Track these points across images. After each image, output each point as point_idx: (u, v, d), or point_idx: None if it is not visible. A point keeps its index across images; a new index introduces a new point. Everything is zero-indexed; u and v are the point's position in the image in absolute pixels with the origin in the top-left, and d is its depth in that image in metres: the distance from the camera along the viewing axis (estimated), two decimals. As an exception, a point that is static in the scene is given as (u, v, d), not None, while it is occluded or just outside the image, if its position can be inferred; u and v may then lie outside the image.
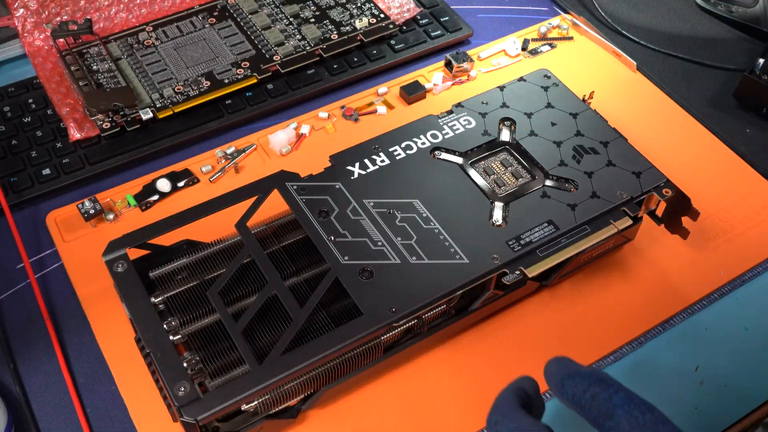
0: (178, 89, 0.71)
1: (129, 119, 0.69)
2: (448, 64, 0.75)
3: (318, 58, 0.75)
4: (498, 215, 0.56)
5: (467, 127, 0.61)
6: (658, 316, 0.60)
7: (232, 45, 0.75)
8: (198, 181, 0.67)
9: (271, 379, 0.47)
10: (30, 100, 0.72)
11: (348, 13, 0.79)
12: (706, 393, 0.56)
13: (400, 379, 0.55)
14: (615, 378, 0.54)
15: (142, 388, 0.54)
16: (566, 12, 0.84)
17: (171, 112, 0.70)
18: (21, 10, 0.73)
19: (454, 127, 0.61)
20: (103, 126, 0.68)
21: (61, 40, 0.73)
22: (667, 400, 0.55)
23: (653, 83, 0.77)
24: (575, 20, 0.82)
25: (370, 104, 0.73)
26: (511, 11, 0.85)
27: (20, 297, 0.60)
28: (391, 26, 0.78)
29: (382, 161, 0.58)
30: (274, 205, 0.56)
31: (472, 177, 0.58)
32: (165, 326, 0.50)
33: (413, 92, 0.73)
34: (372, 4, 0.80)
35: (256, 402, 0.48)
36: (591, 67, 0.78)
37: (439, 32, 0.79)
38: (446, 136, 0.60)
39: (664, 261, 0.63)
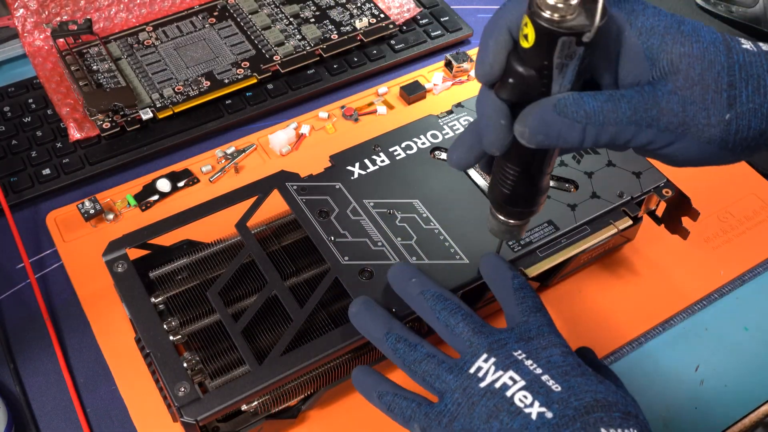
0: (178, 89, 0.71)
1: (129, 119, 0.69)
2: (448, 64, 0.75)
3: (318, 58, 0.75)
4: (498, 215, 0.55)
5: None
6: (658, 316, 0.60)
7: (232, 45, 0.75)
8: (198, 181, 0.67)
9: (271, 379, 0.47)
10: (30, 100, 0.72)
11: (348, 13, 0.79)
12: (706, 393, 0.56)
13: (399, 379, 0.55)
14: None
15: (142, 388, 0.54)
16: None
17: (171, 112, 0.70)
18: (21, 10, 0.73)
19: (454, 127, 0.61)
20: (103, 126, 0.68)
21: (61, 40, 0.73)
22: (667, 400, 0.55)
23: (653, 83, 0.77)
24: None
25: (370, 104, 0.73)
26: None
27: (20, 297, 0.60)
28: (391, 26, 0.78)
29: (382, 161, 0.58)
30: (274, 205, 0.56)
31: (472, 177, 0.58)
32: (165, 326, 0.50)
33: (413, 92, 0.73)
34: (372, 4, 0.80)
35: (256, 402, 0.49)
36: (591, 67, 0.78)
37: (439, 32, 0.79)
38: (446, 136, 0.60)
39: (664, 261, 0.63)
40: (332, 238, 0.53)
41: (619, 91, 0.36)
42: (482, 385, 0.39)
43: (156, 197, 0.65)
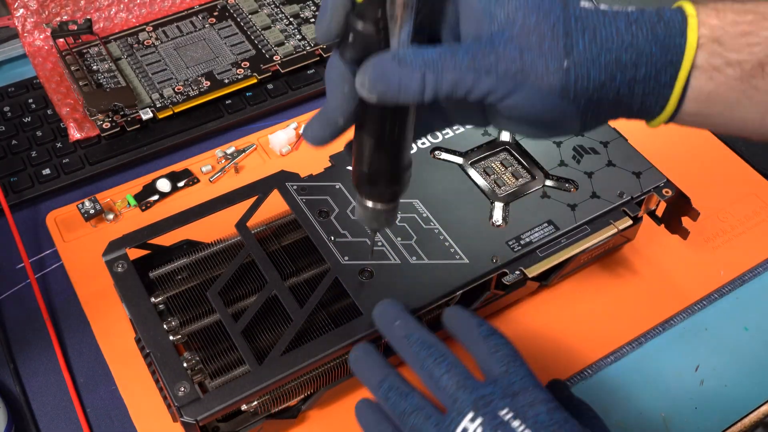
0: (178, 89, 0.71)
1: (129, 119, 0.69)
2: (448, 64, 0.75)
3: (318, 58, 0.75)
4: (498, 215, 0.56)
5: (467, 127, 0.61)
6: (658, 316, 0.60)
7: (232, 45, 0.75)
8: (198, 181, 0.67)
9: (271, 379, 0.47)
10: (30, 100, 0.72)
11: (348, 13, 0.79)
12: (706, 393, 0.56)
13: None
14: (614, 378, 0.55)
15: (142, 388, 0.54)
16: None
17: (171, 112, 0.70)
18: (21, 10, 0.73)
19: (454, 127, 0.61)
20: (103, 126, 0.68)
21: (61, 40, 0.73)
22: (667, 400, 0.55)
23: (653, 83, 0.77)
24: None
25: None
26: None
27: (20, 297, 0.60)
28: (391, 26, 0.78)
29: (382, 161, 0.58)
30: (274, 205, 0.56)
31: (472, 177, 0.58)
32: (165, 326, 0.50)
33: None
34: (372, 4, 0.79)
35: (256, 402, 0.48)
36: (591, 67, 0.78)
37: (439, 32, 0.79)
38: (446, 136, 0.60)
39: (664, 261, 0.63)
40: (332, 238, 0.53)
41: (459, 44, 0.36)
42: None
43: (156, 197, 0.65)
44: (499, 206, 0.56)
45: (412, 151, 0.59)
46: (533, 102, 0.35)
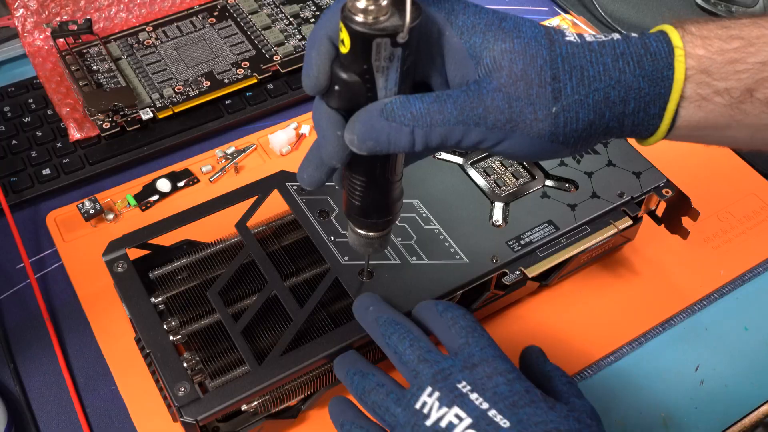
0: (178, 89, 0.71)
1: (129, 119, 0.69)
2: (448, 64, 0.75)
3: (318, 58, 0.75)
4: (498, 215, 0.56)
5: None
6: (658, 316, 0.60)
7: (232, 45, 0.75)
8: (198, 181, 0.67)
9: (271, 379, 0.47)
10: (30, 100, 0.72)
11: (348, 13, 0.79)
12: (706, 393, 0.56)
13: (399, 379, 0.55)
14: (614, 378, 0.55)
15: (142, 388, 0.54)
16: (566, 12, 0.84)
17: (171, 112, 0.70)
18: (21, 10, 0.73)
19: (454, 127, 0.61)
20: (103, 126, 0.68)
21: (61, 40, 0.73)
22: (667, 400, 0.55)
23: (653, 83, 0.77)
24: (575, 20, 0.82)
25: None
26: (512, 11, 0.84)
27: (20, 297, 0.60)
28: (391, 26, 0.78)
29: (382, 161, 0.58)
30: (274, 205, 0.56)
31: (472, 177, 0.58)
32: (165, 326, 0.50)
33: (413, 92, 0.73)
34: (372, 4, 0.79)
35: (256, 402, 0.48)
36: (591, 67, 0.78)
37: (439, 32, 0.79)
38: (446, 136, 0.60)
39: (664, 261, 0.63)
40: (332, 238, 0.53)
41: (446, 92, 0.36)
42: (428, 423, 0.38)
43: (156, 197, 0.65)
44: (499, 206, 0.56)
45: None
46: (523, 147, 0.36)
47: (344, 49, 0.34)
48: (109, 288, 0.54)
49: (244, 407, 0.48)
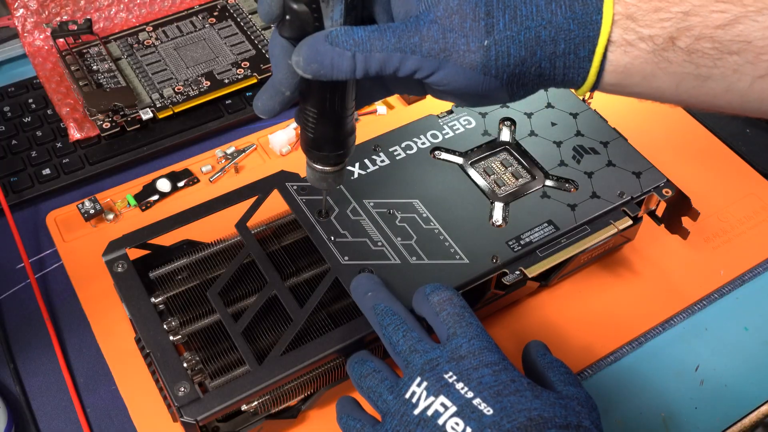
0: (178, 89, 0.71)
1: (129, 119, 0.69)
2: (448, 64, 0.75)
3: (318, 58, 0.75)
4: (498, 215, 0.56)
5: (467, 127, 0.61)
6: (658, 316, 0.60)
7: (232, 45, 0.75)
8: (198, 181, 0.67)
9: (271, 379, 0.47)
10: (30, 100, 0.72)
11: (348, 13, 0.79)
12: (706, 393, 0.56)
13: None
14: (614, 378, 0.55)
15: (142, 388, 0.54)
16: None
17: (171, 112, 0.70)
18: (21, 10, 0.73)
19: (454, 127, 0.61)
20: (103, 126, 0.68)
21: (61, 40, 0.73)
22: (667, 400, 0.55)
23: (653, 83, 0.77)
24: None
25: (370, 104, 0.73)
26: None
27: (20, 297, 0.60)
28: (391, 26, 0.78)
29: (382, 161, 0.58)
30: (274, 205, 0.56)
31: (472, 177, 0.58)
32: (165, 326, 0.50)
33: (413, 92, 0.73)
34: (372, 4, 0.79)
35: (256, 402, 0.48)
36: (591, 67, 0.77)
37: (439, 32, 0.79)
38: (446, 136, 0.60)
39: (664, 261, 0.63)
40: (332, 238, 0.53)
41: (387, 24, 0.38)
42: (416, 411, 0.40)
43: (156, 197, 0.65)
44: (499, 206, 0.56)
45: (412, 152, 0.59)
46: (457, 78, 0.37)
47: None
48: (109, 288, 0.54)
49: (244, 407, 0.48)
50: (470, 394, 0.39)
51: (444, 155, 0.59)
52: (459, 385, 0.39)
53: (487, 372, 0.40)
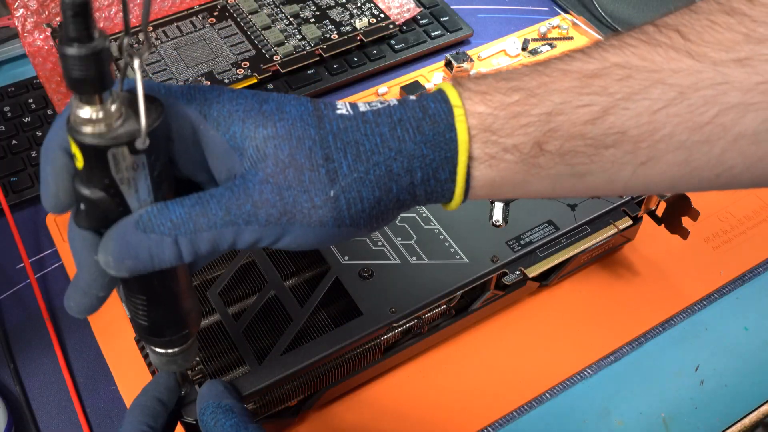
0: (178, 89, 0.71)
1: (129, 119, 0.69)
2: (449, 64, 0.75)
3: (318, 58, 0.75)
4: (498, 215, 0.56)
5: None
6: (658, 316, 0.60)
7: (232, 45, 0.75)
8: (198, 181, 0.67)
9: (271, 379, 0.47)
10: (30, 100, 0.72)
11: (348, 13, 0.79)
12: (706, 393, 0.56)
13: (399, 379, 0.55)
14: (614, 378, 0.55)
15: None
16: (566, 12, 0.84)
17: (171, 112, 0.70)
18: (21, 10, 0.73)
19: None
20: (103, 126, 0.68)
21: (61, 40, 0.73)
22: (667, 400, 0.55)
23: (653, 83, 0.77)
24: (575, 20, 0.82)
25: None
26: (512, 11, 0.85)
27: (20, 297, 0.60)
28: (391, 26, 0.78)
29: (382, 161, 0.58)
30: (274, 205, 0.56)
31: (472, 177, 0.58)
32: (165, 326, 0.50)
33: (413, 92, 0.73)
34: (372, 4, 0.80)
35: (255, 402, 0.48)
36: (591, 67, 0.78)
37: (439, 32, 0.79)
38: (446, 136, 0.60)
39: (664, 261, 0.63)
40: (332, 238, 0.53)
41: (209, 191, 0.31)
42: None
43: (156, 197, 0.65)
44: (499, 206, 0.56)
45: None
46: (308, 238, 0.32)
47: (79, 164, 0.30)
48: (109, 288, 0.54)
49: (244, 407, 0.48)
50: None
51: (444, 155, 0.59)
52: None
53: None
